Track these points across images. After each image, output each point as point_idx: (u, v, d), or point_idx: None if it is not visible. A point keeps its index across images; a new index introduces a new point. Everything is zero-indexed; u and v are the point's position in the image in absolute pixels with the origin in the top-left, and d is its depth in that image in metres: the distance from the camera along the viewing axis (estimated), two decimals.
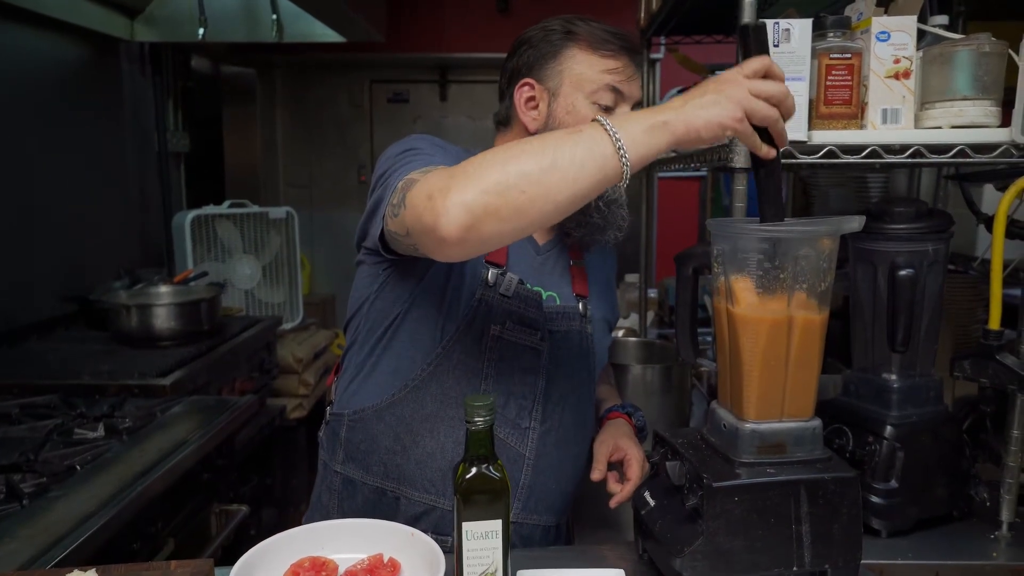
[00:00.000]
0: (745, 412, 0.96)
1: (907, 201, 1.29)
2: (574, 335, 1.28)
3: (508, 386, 1.20)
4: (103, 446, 1.58)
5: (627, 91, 1.21)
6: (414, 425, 1.20)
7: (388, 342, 1.22)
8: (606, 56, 1.20)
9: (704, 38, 2.33)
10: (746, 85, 0.88)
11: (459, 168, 0.91)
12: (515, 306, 1.21)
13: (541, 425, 1.23)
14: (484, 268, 1.20)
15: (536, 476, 1.23)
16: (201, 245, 3.08)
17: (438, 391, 1.20)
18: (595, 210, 1.22)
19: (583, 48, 1.21)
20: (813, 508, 0.92)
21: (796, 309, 0.93)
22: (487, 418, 0.84)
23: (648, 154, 0.89)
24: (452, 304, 1.19)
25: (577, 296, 1.31)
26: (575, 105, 1.21)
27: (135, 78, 3.28)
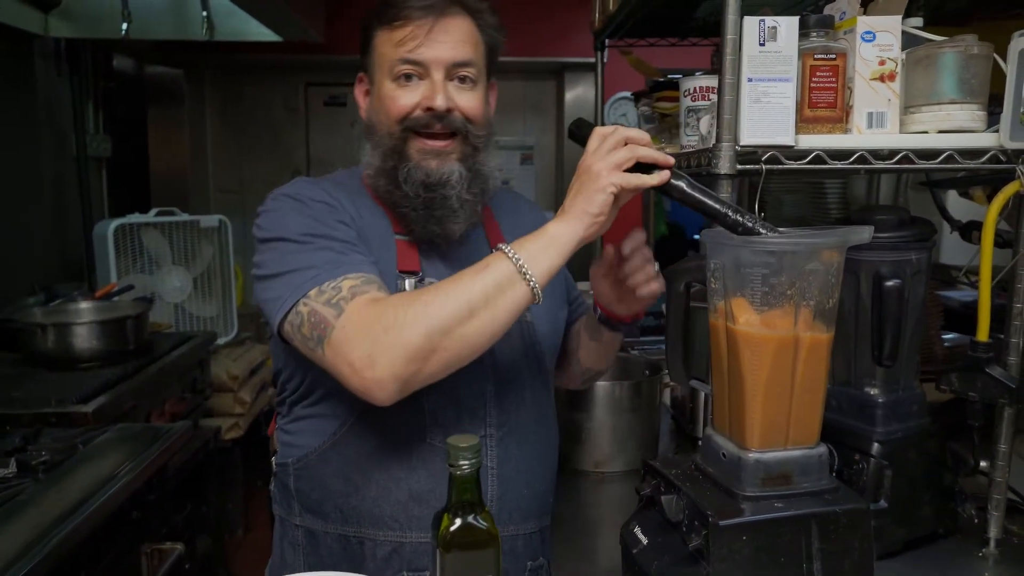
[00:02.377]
0: (748, 440, 0.88)
1: (889, 209, 1.25)
2: (514, 328, 1.14)
3: (455, 399, 1.11)
4: (15, 486, 1.41)
5: (425, 57, 1.09)
6: (361, 462, 1.10)
7: (317, 386, 1.12)
8: (396, 27, 1.11)
9: (658, 41, 2.28)
10: (605, 166, 0.94)
11: (379, 330, 0.93)
12: None
13: (499, 431, 1.15)
14: (399, 279, 1.11)
15: (504, 485, 1.14)
16: (125, 256, 2.87)
17: (379, 422, 1.09)
18: (413, 199, 1.11)
19: (383, 28, 1.13)
20: (824, 544, 0.85)
21: (802, 327, 0.85)
22: (473, 461, 0.74)
23: (552, 268, 0.96)
24: None
25: None
26: (381, 88, 1.13)
27: (50, 77, 3.05)
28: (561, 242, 0.96)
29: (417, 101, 1.10)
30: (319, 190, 1.12)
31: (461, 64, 1.12)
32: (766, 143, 1.09)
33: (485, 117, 1.16)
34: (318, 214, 1.08)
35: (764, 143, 1.09)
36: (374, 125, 1.15)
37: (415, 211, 1.12)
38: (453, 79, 1.12)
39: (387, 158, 1.12)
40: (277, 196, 1.12)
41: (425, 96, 1.10)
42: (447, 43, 1.11)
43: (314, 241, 1.04)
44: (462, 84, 1.13)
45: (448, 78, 1.11)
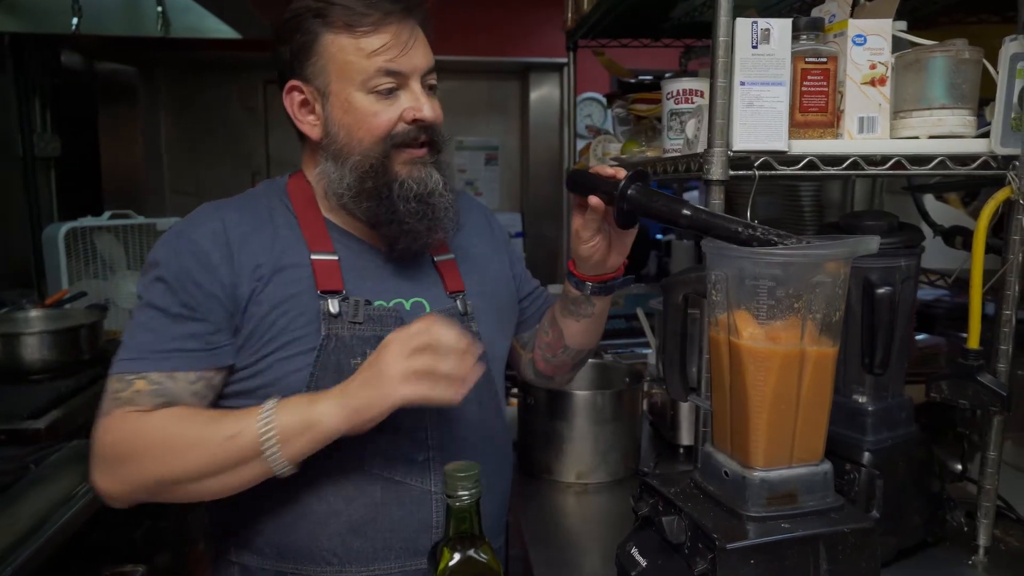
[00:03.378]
0: (752, 459, 0.84)
1: (877, 214, 1.23)
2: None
3: (394, 423, 1.02)
4: None
5: (407, 67, 1.04)
6: (295, 493, 1.03)
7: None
8: (367, 34, 1.02)
9: (631, 41, 2.25)
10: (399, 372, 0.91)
11: (117, 457, 0.97)
12: (370, 330, 1.05)
13: (442, 453, 1.09)
14: (320, 299, 1.04)
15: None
16: (77, 261, 2.74)
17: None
18: (410, 214, 1.06)
19: (340, 31, 1.03)
20: (832, 565, 0.82)
21: (809, 341, 0.82)
22: (472, 491, 0.69)
23: (303, 454, 0.94)
24: (293, 355, 1.02)
25: (452, 294, 1.17)
26: (350, 101, 1.04)
27: None
28: (321, 430, 0.93)
29: (399, 114, 1.04)
30: (205, 238, 1.04)
31: (431, 71, 1.08)
32: (759, 148, 1.06)
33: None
34: (178, 281, 1.02)
35: (757, 148, 1.06)
36: (341, 143, 1.07)
37: (407, 225, 1.06)
38: (425, 86, 1.08)
39: (367, 178, 1.06)
40: (166, 242, 1.06)
41: (410, 108, 1.04)
42: (421, 49, 1.06)
43: (167, 309, 1.01)
44: (430, 91, 1.09)
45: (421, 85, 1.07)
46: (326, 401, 0.93)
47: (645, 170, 1.07)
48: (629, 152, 1.64)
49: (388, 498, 1.04)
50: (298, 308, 1.03)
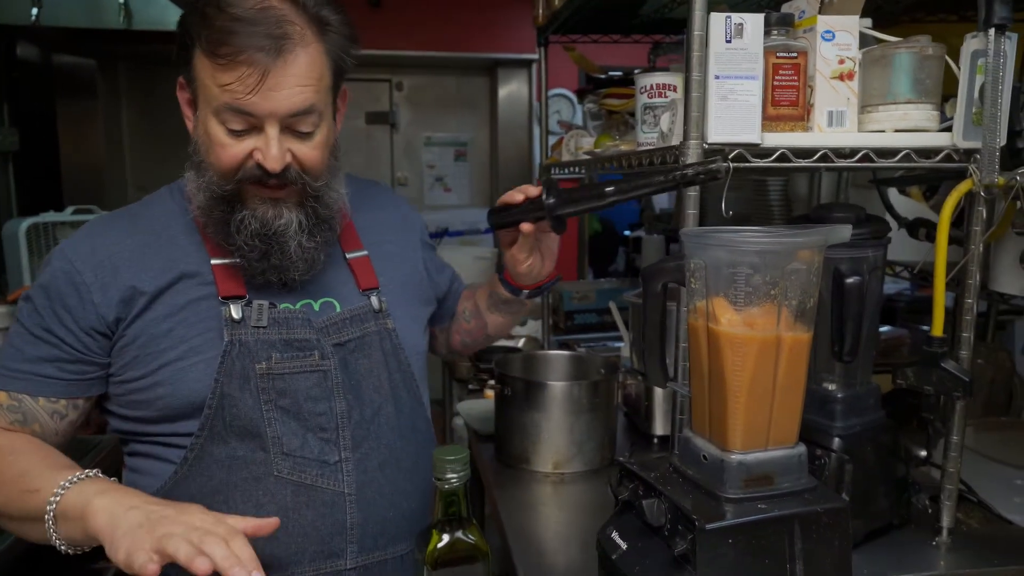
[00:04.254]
0: (730, 442, 0.87)
1: (845, 207, 1.26)
2: (372, 337, 1.13)
3: (300, 423, 1.05)
4: None
5: (257, 109, 0.96)
6: (205, 500, 1.00)
7: (152, 424, 1.05)
8: (221, 65, 0.95)
9: (601, 37, 2.28)
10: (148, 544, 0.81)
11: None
12: (276, 334, 1.05)
13: (354, 453, 1.08)
14: (223, 305, 1.04)
15: (365, 511, 1.07)
16: (39, 257, 2.68)
17: (222, 454, 1.03)
18: (250, 250, 1.03)
19: (203, 51, 0.97)
20: (807, 543, 0.85)
21: (784, 328, 0.85)
22: (461, 473, 0.70)
23: (76, 540, 0.91)
24: (193, 363, 1.02)
25: (365, 291, 1.17)
26: (206, 125, 1.01)
27: None
28: (88, 526, 0.87)
29: (248, 152, 1.00)
30: (83, 259, 1.03)
31: (300, 114, 0.99)
32: (733, 141, 1.08)
33: (324, 162, 1.06)
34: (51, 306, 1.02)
35: (731, 141, 1.08)
36: (201, 160, 1.04)
37: (249, 260, 1.04)
38: (289, 129, 1.00)
39: (216, 203, 1.03)
40: (50, 260, 1.06)
41: (257, 150, 0.99)
42: (284, 91, 0.96)
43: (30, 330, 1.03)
44: (299, 133, 1.01)
45: (283, 128, 0.99)
46: (106, 502, 0.88)
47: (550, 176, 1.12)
48: (602, 146, 1.66)
49: (299, 502, 1.03)
50: (197, 315, 1.03)
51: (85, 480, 0.93)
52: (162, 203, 1.13)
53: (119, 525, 0.84)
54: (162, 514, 0.85)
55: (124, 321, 1.02)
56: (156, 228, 1.08)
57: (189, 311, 1.03)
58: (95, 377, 1.04)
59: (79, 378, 1.04)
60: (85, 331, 1.02)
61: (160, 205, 1.13)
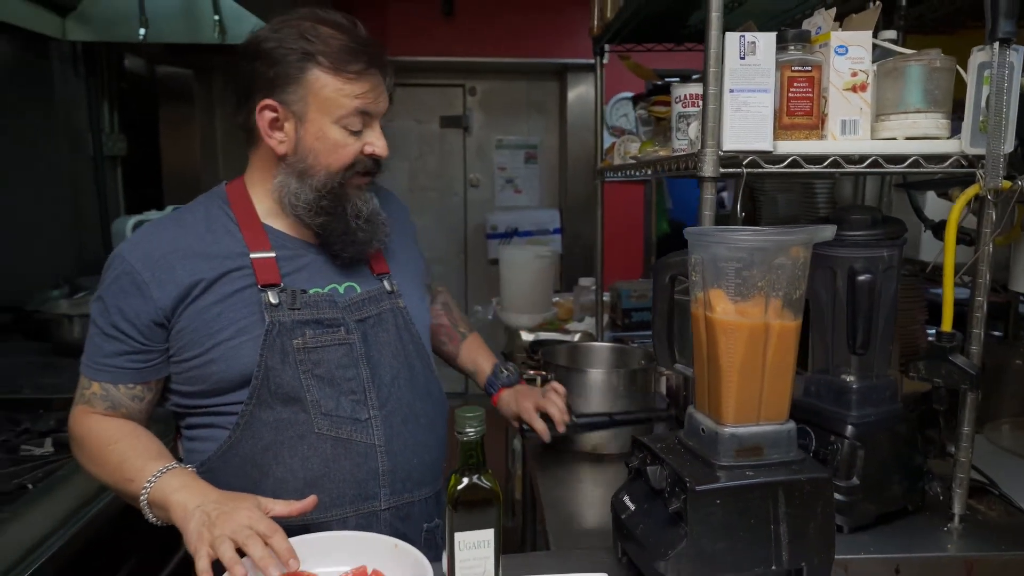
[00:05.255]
0: (724, 417, 0.98)
1: (863, 209, 1.34)
2: (387, 314, 1.32)
3: (334, 387, 1.23)
4: (54, 463, 1.51)
5: (375, 110, 1.23)
6: (257, 458, 1.21)
7: (207, 397, 1.23)
8: (351, 79, 1.19)
9: (655, 46, 2.38)
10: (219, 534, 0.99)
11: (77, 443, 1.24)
12: (308, 314, 1.23)
13: (381, 411, 1.26)
14: (262, 292, 1.22)
15: (394, 460, 1.26)
16: None
17: (270, 418, 1.20)
18: (359, 229, 1.27)
19: (326, 71, 1.18)
20: (790, 508, 0.95)
21: (772, 316, 0.96)
22: (478, 428, 0.84)
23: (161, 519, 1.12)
24: (242, 341, 1.20)
25: (379, 276, 1.35)
26: (324, 131, 1.21)
27: (67, 78, 3.15)
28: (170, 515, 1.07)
29: (361, 148, 1.23)
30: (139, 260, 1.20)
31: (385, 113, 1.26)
32: (746, 148, 1.19)
33: None
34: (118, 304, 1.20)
35: (745, 148, 1.19)
36: (308, 164, 1.22)
37: (356, 238, 1.26)
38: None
39: (324, 197, 1.23)
40: (110, 263, 1.23)
41: (369, 143, 1.23)
42: (384, 96, 1.25)
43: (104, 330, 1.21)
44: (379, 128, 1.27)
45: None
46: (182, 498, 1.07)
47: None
48: (644, 152, 1.77)
49: (337, 454, 1.21)
50: (242, 302, 1.21)
51: (167, 473, 1.11)
52: (204, 208, 1.30)
53: (188, 522, 1.02)
54: (221, 511, 1.02)
55: (179, 311, 1.20)
56: (200, 230, 1.26)
57: (235, 298, 1.21)
58: (160, 362, 1.23)
59: (146, 365, 1.22)
60: (147, 324, 1.20)
61: (202, 210, 1.29)
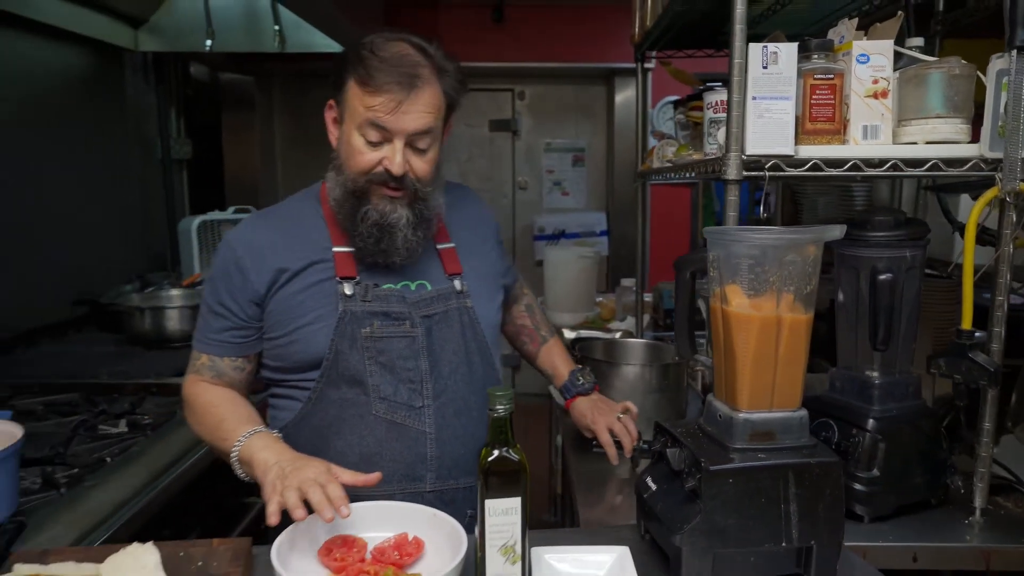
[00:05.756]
0: (739, 403, 1.05)
1: (887, 211, 1.39)
2: (453, 312, 1.40)
3: (394, 375, 1.33)
4: (129, 440, 1.66)
5: (391, 127, 1.25)
6: (322, 431, 1.33)
7: (287, 373, 1.36)
8: (369, 91, 1.25)
9: (695, 52, 2.43)
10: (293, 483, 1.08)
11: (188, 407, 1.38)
12: (378, 307, 1.34)
13: (435, 401, 1.34)
14: (339, 284, 1.33)
15: (442, 448, 1.34)
16: (207, 250, 3.15)
17: (336, 397, 1.32)
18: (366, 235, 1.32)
19: (356, 81, 1.27)
20: (800, 490, 1.02)
21: (784, 309, 1.02)
22: (507, 406, 0.93)
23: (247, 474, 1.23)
24: (318, 328, 1.31)
25: (450, 276, 1.43)
26: (349, 136, 1.30)
27: (139, 87, 3.35)
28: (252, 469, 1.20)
29: (379, 159, 1.29)
30: (242, 246, 1.35)
31: (420, 134, 1.28)
32: (769, 153, 1.26)
33: (433, 173, 1.35)
34: (225, 284, 1.35)
35: (767, 153, 1.26)
36: (341, 163, 1.34)
37: (365, 243, 1.33)
38: (411, 145, 1.29)
39: (348, 197, 1.32)
40: (219, 249, 1.39)
41: (385, 159, 1.28)
42: (412, 115, 1.26)
43: (213, 307, 1.37)
44: (417, 150, 1.30)
45: (407, 144, 1.28)
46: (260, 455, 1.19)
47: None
48: (679, 156, 1.84)
49: (391, 436, 1.32)
50: (323, 292, 1.34)
51: (254, 435, 1.24)
52: (299, 203, 1.44)
53: (267, 475, 1.13)
54: (294, 467, 1.13)
55: (270, 295, 1.34)
56: (293, 223, 1.40)
57: (317, 287, 1.33)
58: (257, 338, 1.38)
59: (246, 340, 1.37)
60: (247, 303, 1.35)
61: (298, 205, 1.44)
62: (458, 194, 1.56)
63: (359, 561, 1.04)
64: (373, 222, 1.31)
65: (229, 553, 1.06)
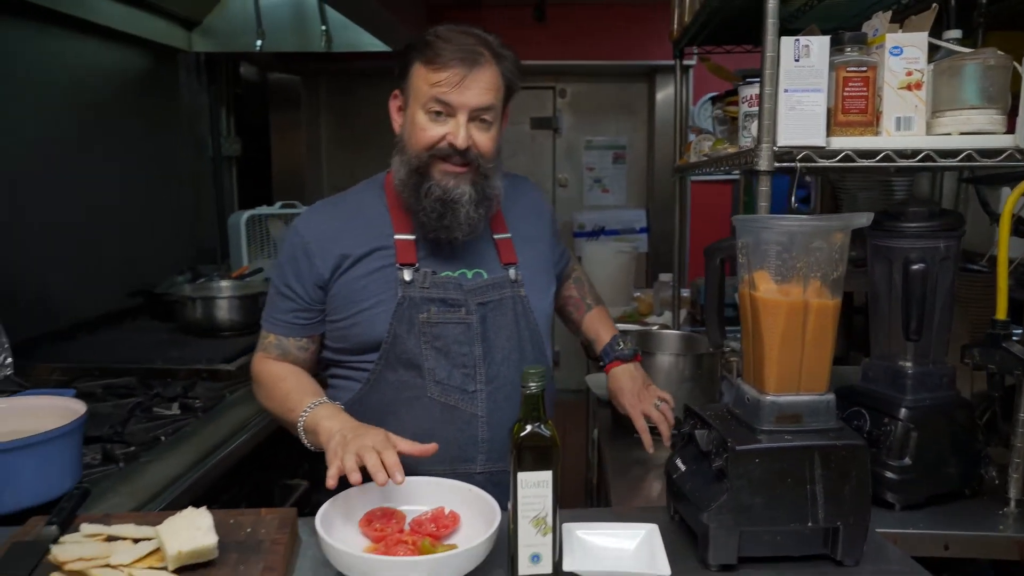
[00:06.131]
0: (766, 386, 1.08)
1: (922, 202, 1.40)
2: (507, 301, 1.44)
3: (449, 360, 1.38)
4: (181, 421, 1.74)
5: (455, 101, 1.31)
6: (379, 412, 1.38)
7: (347, 354, 1.44)
8: (434, 68, 1.31)
9: (734, 48, 2.44)
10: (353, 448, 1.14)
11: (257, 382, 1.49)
12: (435, 293, 1.39)
13: (487, 386, 1.39)
14: (399, 270, 1.39)
15: (493, 430, 1.39)
16: (255, 243, 3.25)
17: (393, 379, 1.38)
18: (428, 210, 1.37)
19: (420, 61, 1.34)
20: (826, 471, 1.04)
21: (811, 295, 1.05)
22: (540, 383, 0.97)
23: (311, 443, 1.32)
24: (378, 312, 1.38)
25: (506, 265, 1.47)
26: (414, 115, 1.36)
27: (192, 86, 3.47)
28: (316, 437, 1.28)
29: (443, 135, 1.34)
30: (308, 231, 1.43)
31: (482, 109, 1.34)
32: (800, 144, 1.28)
33: (495, 151, 1.40)
34: (292, 267, 1.42)
35: (798, 144, 1.28)
36: (405, 144, 1.40)
37: (428, 219, 1.38)
38: (474, 120, 1.35)
39: (412, 175, 1.38)
40: (287, 234, 1.47)
41: (450, 133, 1.34)
42: (474, 90, 1.32)
43: (280, 289, 1.45)
44: (481, 124, 1.36)
45: (470, 119, 1.34)
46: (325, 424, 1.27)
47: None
48: (714, 150, 1.86)
49: (444, 418, 1.38)
50: (384, 277, 1.40)
51: (319, 406, 1.31)
52: (364, 192, 1.51)
53: (329, 442, 1.20)
54: (355, 434, 1.19)
55: (333, 279, 1.41)
56: (357, 211, 1.47)
57: (378, 273, 1.40)
58: (320, 320, 1.45)
59: (310, 321, 1.45)
60: (312, 286, 1.42)
61: (362, 193, 1.51)
62: (515, 184, 1.61)
63: (398, 532, 1.09)
64: (436, 197, 1.36)
65: (276, 521, 1.12)
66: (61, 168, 2.46)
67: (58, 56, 2.49)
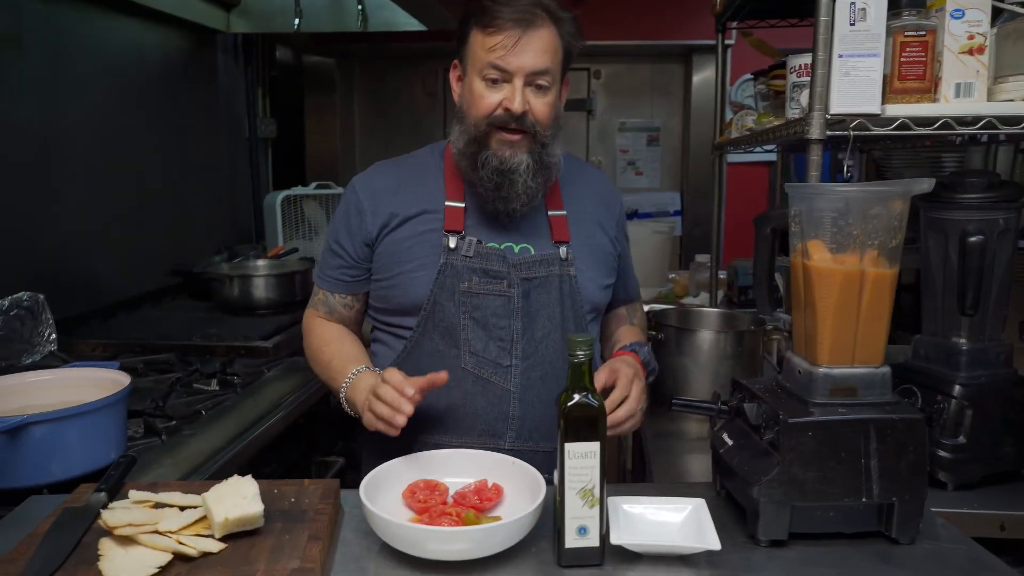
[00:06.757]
0: (819, 358, 1.05)
1: (979, 173, 1.35)
2: (554, 279, 1.40)
3: (486, 331, 1.36)
4: (221, 396, 1.75)
5: (510, 64, 1.29)
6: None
7: (388, 315, 1.45)
8: (490, 33, 1.29)
9: (779, 22, 2.38)
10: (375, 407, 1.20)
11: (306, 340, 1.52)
12: (478, 263, 1.37)
13: (523, 362, 1.37)
14: (445, 236, 1.37)
15: (525, 408, 1.37)
16: (289, 223, 3.27)
17: (430, 348, 1.38)
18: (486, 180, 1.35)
19: (477, 29, 1.32)
20: (881, 445, 1.01)
21: (868, 264, 1.01)
22: (587, 352, 0.95)
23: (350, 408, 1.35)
24: (419, 275, 1.38)
25: (557, 243, 1.43)
26: (472, 83, 1.34)
27: (229, 68, 3.49)
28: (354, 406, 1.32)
29: (499, 101, 1.32)
30: (363, 190, 1.44)
31: (539, 73, 1.31)
32: (854, 112, 1.23)
33: (553, 117, 1.37)
34: (345, 224, 1.45)
35: (852, 112, 1.24)
36: (463, 113, 1.38)
37: (486, 189, 1.36)
38: (531, 84, 1.32)
39: (470, 144, 1.36)
40: (345, 191, 1.49)
41: (506, 98, 1.31)
42: (530, 53, 1.30)
43: (331, 245, 1.47)
44: (538, 90, 1.33)
45: (527, 83, 1.31)
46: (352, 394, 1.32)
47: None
48: (759, 124, 1.82)
49: (476, 390, 1.36)
50: (429, 241, 1.39)
51: (358, 376, 1.33)
52: (423, 156, 1.51)
53: (361, 406, 1.25)
54: (376, 394, 1.20)
55: (380, 237, 1.41)
56: (413, 173, 1.46)
57: (424, 236, 1.39)
58: (365, 278, 1.46)
59: (355, 279, 1.46)
60: (360, 243, 1.43)
61: (422, 158, 1.51)
62: (583, 168, 1.58)
63: (441, 503, 1.08)
64: (493, 168, 1.34)
65: (320, 492, 1.12)
66: (105, 149, 2.48)
67: (101, 37, 2.51)
